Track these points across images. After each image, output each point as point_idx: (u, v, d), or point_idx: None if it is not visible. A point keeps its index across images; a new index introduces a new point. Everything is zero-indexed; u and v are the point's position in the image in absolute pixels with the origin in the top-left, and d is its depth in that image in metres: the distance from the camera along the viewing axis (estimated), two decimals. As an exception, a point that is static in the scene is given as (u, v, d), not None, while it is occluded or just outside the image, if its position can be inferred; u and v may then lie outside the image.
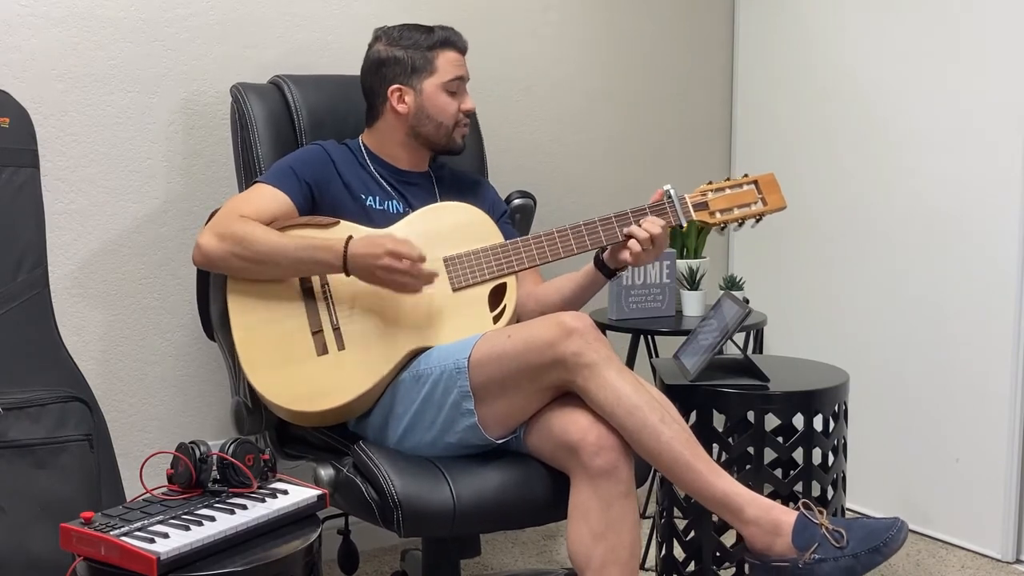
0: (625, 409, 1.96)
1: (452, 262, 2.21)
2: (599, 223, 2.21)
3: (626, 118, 3.28)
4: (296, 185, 2.22)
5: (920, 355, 2.98)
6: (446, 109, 2.31)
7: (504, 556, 2.88)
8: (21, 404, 2.06)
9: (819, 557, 1.89)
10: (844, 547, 1.89)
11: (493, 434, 2.05)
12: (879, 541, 1.89)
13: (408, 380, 2.11)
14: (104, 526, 1.64)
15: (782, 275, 3.35)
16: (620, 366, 2.00)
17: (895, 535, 1.89)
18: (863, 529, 1.92)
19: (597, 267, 2.26)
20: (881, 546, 1.89)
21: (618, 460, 1.97)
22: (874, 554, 1.88)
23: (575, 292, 2.30)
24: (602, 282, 2.29)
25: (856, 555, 1.89)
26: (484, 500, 2.03)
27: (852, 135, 3.13)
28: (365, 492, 2.02)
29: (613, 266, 2.24)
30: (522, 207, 2.57)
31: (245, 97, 2.42)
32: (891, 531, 1.90)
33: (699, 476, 1.96)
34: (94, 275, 2.50)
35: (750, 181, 2.26)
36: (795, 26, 3.29)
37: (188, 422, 2.63)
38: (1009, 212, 2.75)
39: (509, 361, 2.00)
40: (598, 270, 2.26)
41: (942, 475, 2.95)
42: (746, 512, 1.94)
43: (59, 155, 2.43)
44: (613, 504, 1.96)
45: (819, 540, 1.90)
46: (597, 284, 2.29)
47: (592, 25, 3.19)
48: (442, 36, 2.31)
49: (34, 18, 2.38)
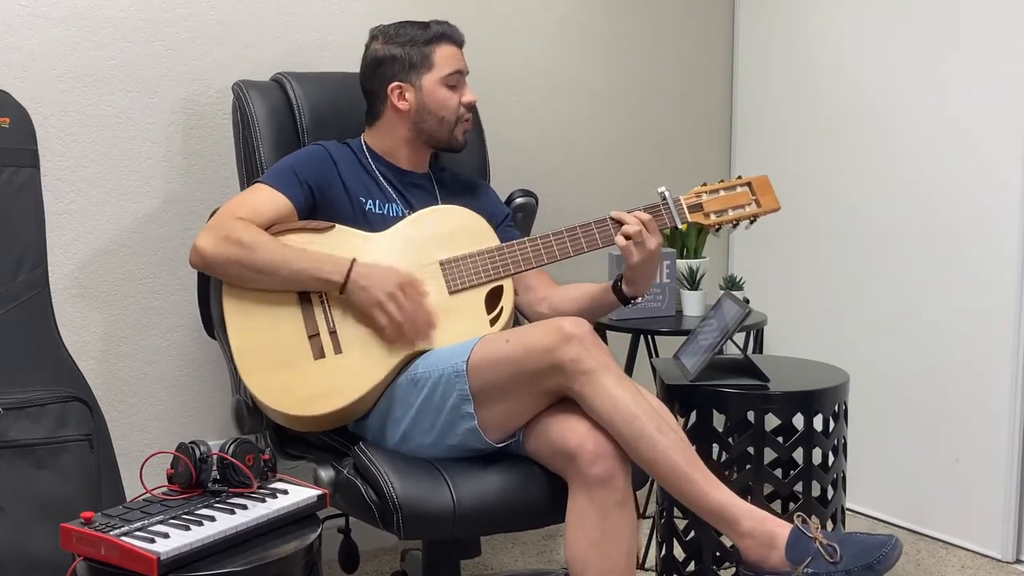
0: (623, 417, 1.95)
1: (448, 265, 2.20)
2: (594, 225, 2.21)
3: (626, 118, 3.28)
4: (297, 187, 2.21)
5: (920, 355, 2.98)
6: (447, 103, 2.30)
7: (504, 556, 2.88)
8: (21, 404, 2.06)
9: (812, 571, 1.89)
10: (838, 562, 1.88)
11: (492, 437, 2.05)
12: (873, 558, 1.88)
13: (406, 384, 2.11)
14: (104, 526, 1.64)
15: (782, 275, 3.35)
16: (619, 373, 1.99)
17: (889, 552, 1.88)
18: (857, 544, 1.91)
19: (614, 291, 2.26)
20: (875, 563, 1.88)
21: (615, 469, 1.96)
22: (867, 571, 1.88)
23: (590, 308, 2.29)
24: (616, 304, 2.28)
25: (849, 571, 1.88)
26: (484, 503, 2.02)
27: (852, 135, 3.13)
28: (365, 494, 2.02)
29: (630, 294, 2.24)
30: (524, 206, 2.57)
31: (247, 94, 2.41)
32: (885, 548, 1.89)
33: (695, 487, 1.95)
34: (94, 275, 2.50)
35: (744, 183, 2.27)
36: (795, 26, 3.29)
37: (188, 422, 2.63)
38: (1009, 211, 2.75)
39: (508, 366, 2.00)
40: (614, 293, 2.26)
41: (942, 475, 2.95)
42: (741, 524, 1.93)
43: (59, 155, 2.43)
44: (610, 513, 1.95)
45: (813, 554, 1.89)
46: (611, 304, 2.29)
47: (592, 25, 3.19)
48: (438, 31, 2.30)
49: (34, 18, 2.38)
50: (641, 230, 2.15)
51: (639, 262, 2.17)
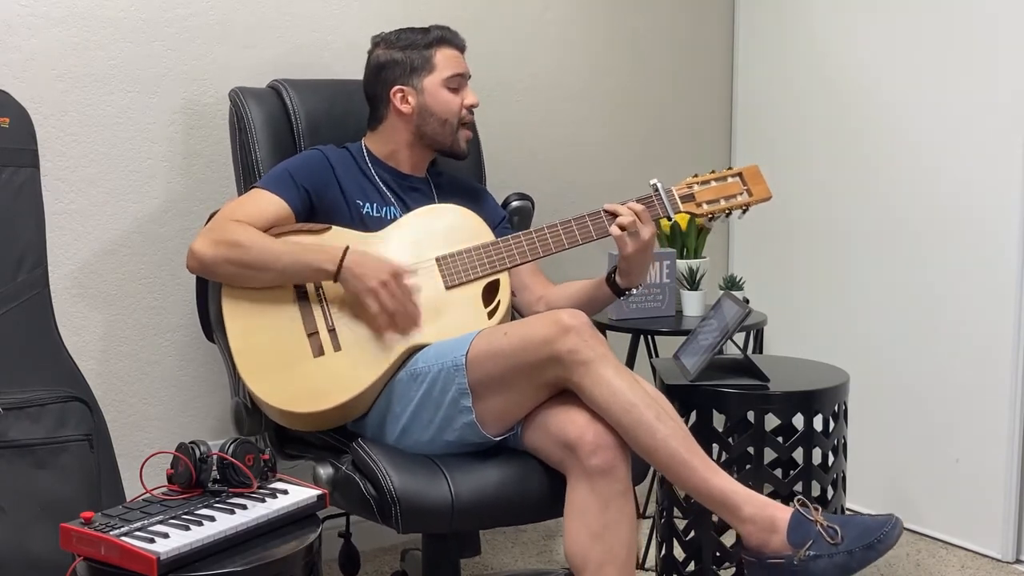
0: (621, 406, 1.96)
1: (444, 261, 2.21)
2: (588, 218, 2.23)
3: (626, 118, 3.28)
4: (294, 191, 2.23)
5: (920, 355, 2.98)
6: (449, 105, 2.32)
7: (504, 556, 2.88)
8: (21, 404, 2.06)
9: (814, 554, 1.90)
10: (839, 544, 1.90)
11: (491, 431, 2.05)
12: (873, 538, 1.90)
13: (405, 379, 2.12)
14: (104, 526, 1.64)
15: (782, 275, 3.35)
16: (616, 363, 2.01)
17: (889, 532, 1.90)
18: (858, 526, 1.92)
19: (608, 284, 2.28)
20: (875, 543, 1.89)
21: (615, 459, 1.97)
22: (868, 551, 1.89)
23: (587, 303, 2.31)
24: (611, 298, 2.31)
25: (851, 551, 1.89)
26: (482, 496, 2.03)
27: (852, 135, 3.13)
28: (364, 489, 2.03)
29: (624, 285, 2.26)
30: (520, 209, 2.59)
31: (244, 102, 2.42)
32: (886, 528, 1.90)
33: (695, 473, 1.96)
34: (94, 275, 2.50)
35: (734, 173, 2.29)
36: (795, 26, 3.29)
37: (188, 422, 2.64)
38: (1010, 211, 2.75)
39: (506, 358, 2.01)
40: (608, 286, 2.28)
41: (942, 475, 2.95)
42: (743, 510, 1.94)
43: (59, 155, 2.43)
44: (610, 503, 1.96)
45: (814, 537, 1.91)
46: (606, 298, 2.31)
47: (591, 26, 3.19)
48: (438, 34, 2.33)
49: (34, 18, 2.38)
50: (635, 220, 2.17)
51: (633, 252, 2.19)
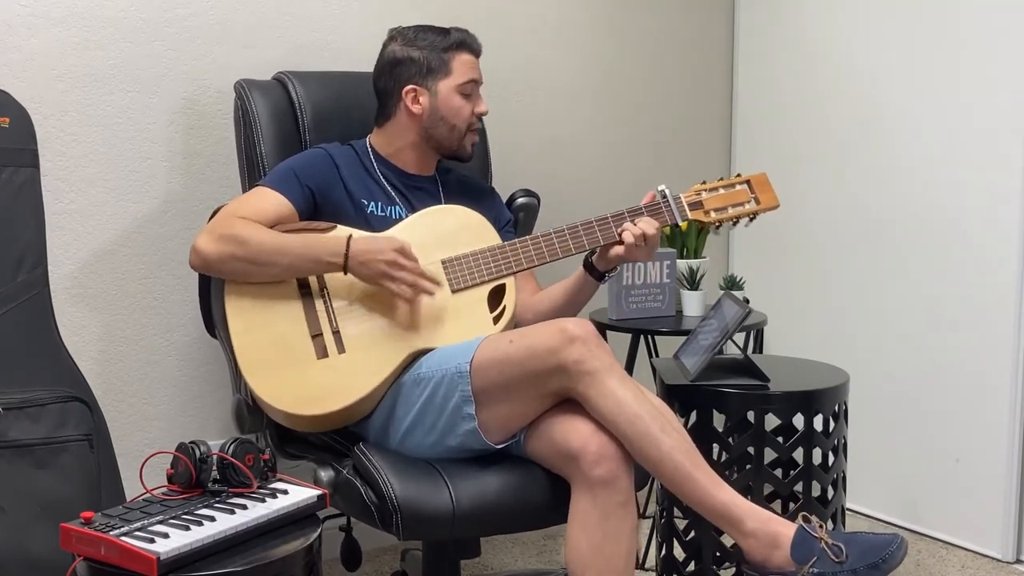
0: (626, 418, 1.95)
1: (451, 264, 2.20)
2: (596, 223, 2.21)
3: (626, 118, 3.28)
4: (298, 189, 2.21)
5: (920, 355, 2.98)
6: (460, 112, 2.30)
7: (504, 556, 2.88)
8: (21, 404, 2.06)
9: (817, 571, 1.88)
10: (843, 562, 1.88)
11: (493, 438, 2.05)
12: (878, 557, 1.88)
13: (409, 383, 2.11)
14: (104, 526, 1.64)
15: (782, 275, 3.35)
16: (622, 374, 1.99)
17: (895, 551, 1.88)
18: (863, 544, 1.91)
19: (587, 270, 2.26)
20: (880, 562, 1.87)
21: (618, 470, 1.96)
22: (873, 570, 1.87)
23: (567, 298, 2.30)
24: (593, 286, 2.28)
25: (855, 570, 1.87)
26: (483, 504, 2.02)
27: (852, 135, 3.13)
28: (364, 495, 2.02)
29: (603, 268, 2.25)
30: (526, 205, 2.57)
31: (248, 93, 2.41)
32: (891, 547, 1.89)
33: (699, 486, 1.95)
34: (94, 275, 2.50)
35: (743, 181, 2.28)
36: (795, 26, 3.29)
37: (188, 422, 2.63)
38: (1009, 212, 2.75)
39: (511, 367, 2.00)
40: (588, 273, 2.26)
41: (942, 475, 2.95)
42: (745, 524, 1.93)
43: (59, 155, 2.43)
44: (611, 514, 1.95)
45: (818, 554, 1.89)
46: (588, 288, 2.29)
47: (592, 26, 3.19)
48: (458, 38, 2.30)
49: (34, 18, 2.38)
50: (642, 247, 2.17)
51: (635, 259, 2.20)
